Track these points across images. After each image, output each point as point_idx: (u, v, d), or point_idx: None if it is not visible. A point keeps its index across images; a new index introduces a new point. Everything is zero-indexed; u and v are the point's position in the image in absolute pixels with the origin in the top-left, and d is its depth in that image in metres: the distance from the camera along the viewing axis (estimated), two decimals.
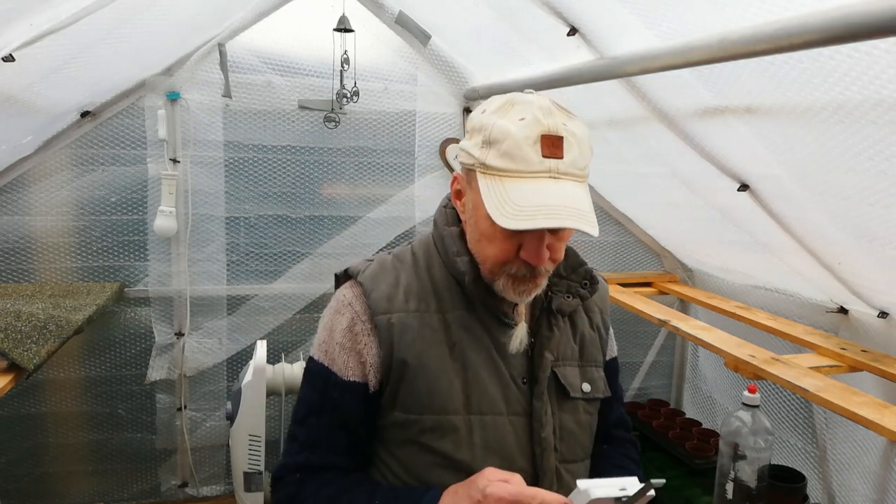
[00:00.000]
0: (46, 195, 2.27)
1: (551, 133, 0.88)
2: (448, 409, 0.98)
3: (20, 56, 1.35)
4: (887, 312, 1.74)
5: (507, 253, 0.94)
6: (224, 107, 2.37)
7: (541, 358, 1.03)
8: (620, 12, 1.39)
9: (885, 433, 1.30)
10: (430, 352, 0.99)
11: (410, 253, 1.08)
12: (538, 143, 0.87)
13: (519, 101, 0.93)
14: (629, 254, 2.85)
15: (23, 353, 1.60)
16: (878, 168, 1.19)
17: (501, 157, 0.88)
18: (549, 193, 0.87)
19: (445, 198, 1.09)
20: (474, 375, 0.99)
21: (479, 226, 0.95)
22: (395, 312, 1.00)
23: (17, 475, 2.40)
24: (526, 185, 0.87)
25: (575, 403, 1.07)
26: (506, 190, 0.87)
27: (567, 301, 1.07)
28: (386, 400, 1.01)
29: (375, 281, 1.03)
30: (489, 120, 0.91)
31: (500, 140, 0.88)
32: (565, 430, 1.04)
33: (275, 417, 2.37)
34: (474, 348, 1.00)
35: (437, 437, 0.98)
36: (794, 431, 2.14)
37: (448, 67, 2.56)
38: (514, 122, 0.89)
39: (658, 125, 1.71)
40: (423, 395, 0.98)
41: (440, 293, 1.03)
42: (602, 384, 1.11)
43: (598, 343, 1.14)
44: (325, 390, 1.02)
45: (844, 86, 1.07)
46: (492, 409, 1.00)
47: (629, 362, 2.94)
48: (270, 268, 2.54)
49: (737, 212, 1.87)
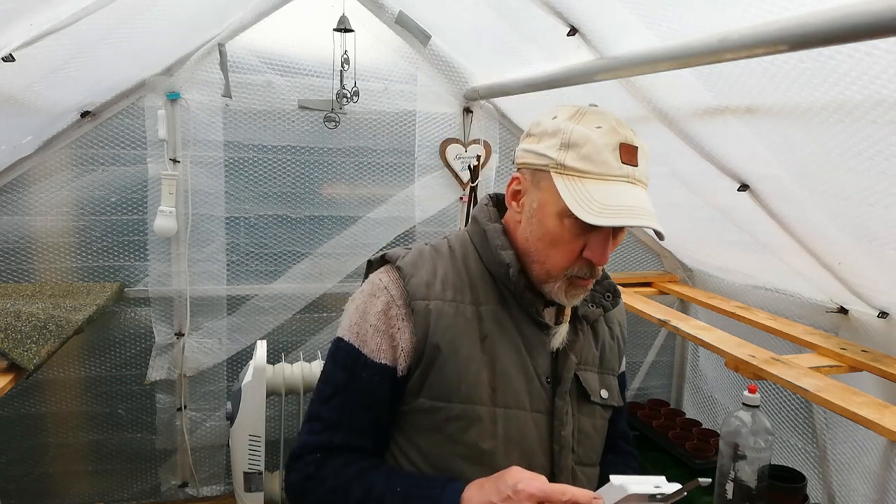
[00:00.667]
0: (46, 195, 2.27)
1: (629, 142, 0.93)
2: (474, 399, 0.99)
3: (20, 56, 1.35)
4: (887, 312, 1.74)
5: (573, 253, 0.97)
6: (224, 107, 2.37)
7: (566, 359, 1.05)
8: (620, 12, 1.38)
9: (885, 433, 1.30)
10: (462, 340, 1.00)
11: (447, 245, 1.10)
12: (617, 150, 0.92)
13: (590, 112, 0.97)
14: (629, 254, 2.85)
15: (23, 353, 1.60)
16: (878, 168, 1.20)
17: (582, 160, 0.92)
18: (629, 196, 0.92)
19: (486, 197, 1.13)
20: (502, 368, 1.01)
21: (546, 224, 0.97)
22: (433, 299, 1.01)
23: (17, 475, 2.40)
24: (606, 187, 0.92)
25: (593, 408, 1.09)
26: (587, 190, 0.92)
27: (591, 310, 1.11)
28: (412, 385, 1.02)
29: (415, 267, 1.04)
30: (565, 126, 0.95)
31: (580, 144, 0.92)
32: (583, 432, 1.07)
33: (275, 417, 2.37)
34: (504, 342, 1.02)
35: (462, 426, 1.00)
36: (794, 431, 2.14)
37: (448, 67, 2.56)
38: (592, 129, 0.93)
39: (658, 125, 1.70)
40: (451, 382, 0.99)
41: (475, 286, 1.05)
42: (617, 393, 1.15)
43: (616, 353, 1.17)
44: (354, 370, 1.03)
45: (845, 85, 1.07)
46: (516, 404, 1.02)
47: (629, 362, 2.93)
48: (270, 268, 2.54)
49: (737, 212, 1.87)
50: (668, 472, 2.31)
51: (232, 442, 2.17)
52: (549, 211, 0.96)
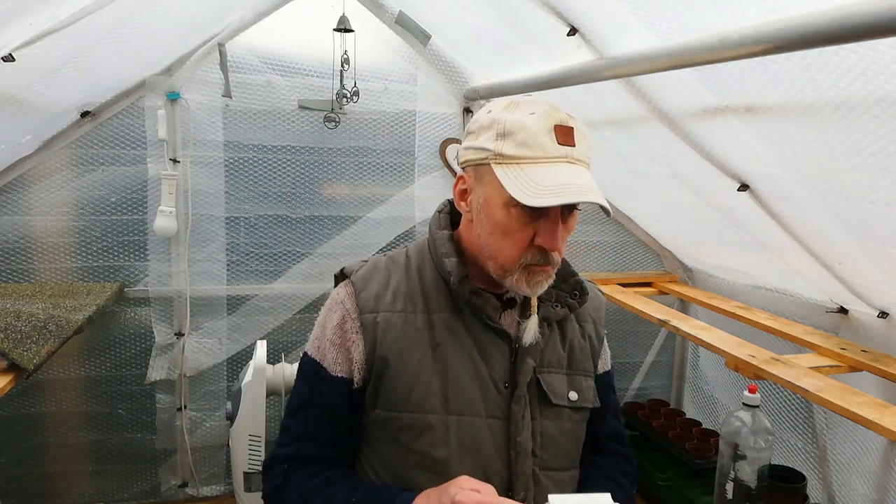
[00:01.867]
0: (46, 195, 2.26)
1: (563, 124, 0.93)
2: (425, 408, 1.00)
3: (20, 56, 1.35)
4: (887, 312, 1.74)
5: (523, 242, 0.95)
6: (224, 107, 2.37)
7: (522, 362, 1.03)
8: (620, 12, 1.38)
9: (885, 433, 1.30)
10: (411, 351, 1.01)
11: (404, 255, 1.11)
12: (552, 132, 0.92)
13: (524, 101, 0.96)
14: (629, 254, 2.85)
15: (23, 353, 1.60)
16: (880, 165, 1.19)
17: (518, 147, 0.92)
18: (569, 175, 0.91)
19: (442, 203, 1.12)
20: (454, 376, 1.01)
21: (494, 217, 0.96)
22: (381, 312, 1.03)
23: (17, 475, 2.40)
24: (545, 169, 0.91)
25: (558, 411, 1.06)
26: (526, 175, 0.91)
27: (555, 310, 1.08)
28: (368, 397, 1.04)
29: (366, 281, 1.06)
30: (500, 116, 0.95)
31: (515, 131, 0.92)
32: (547, 436, 1.05)
33: (275, 417, 2.37)
34: (457, 350, 1.02)
35: (414, 435, 1.00)
36: (794, 431, 2.14)
37: (448, 67, 2.56)
38: (526, 115, 0.93)
39: (658, 125, 1.70)
40: (402, 392, 1.00)
41: (428, 295, 1.05)
42: (591, 394, 1.11)
43: (588, 353, 1.13)
44: (316, 384, 1.06)
45: (847, 81, 1.06)
46: (470, 411, 1.01)
47: (629, 362, 2.94)
48: (270, 268, 2.54)
49: (737, 212, 1.87)
50: (668, 472, 2.32)
51: (232, 442, 2.17)
52: (494, 203, 0.95)
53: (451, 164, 2.63)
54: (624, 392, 2.94)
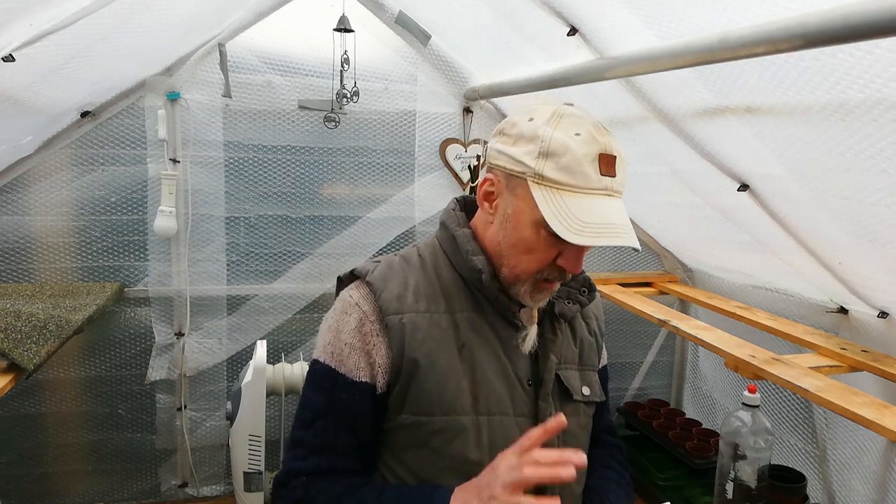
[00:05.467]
0: (46, 195, 2.27)
1: (608, 152, 0.91)
2: (457, 409, 0.98)
3: (20, 56, 1.35)
4: (887, 312, 1.74)
5: (545, 261, 0.97)
6: (224, 107, 2.37)
7: (546, 360, 1.04)
8: (620, 12, 1.38)
9: (885, 433, 1.30)
10: (439, 352, 0.99)
11: (417, 254, 1.08)
12: (596, 161, 0.90)
13: (567, 114, 0.94)
14: (629, 254, 2.84)
15: (23, 353, 1.60)
16: (879, 167, 1.19)
17: (560, 171, 0.90)
18: (608, 212, 0.90)
19: (453, 201, 1.11)
20: (482, 376, 1.00)
21: (521, 233, 0.96)
22: (406, 313, 1.00)
23: (17, 475, 2.40)
24: (585, 202, 0.90)
25: (577, 406, 1.08)
26: (566, 204, 0.89)
27: (568, 307, 1.09)
28: (393, 402, 1.00)
29: (385, 281, 1.02)
30: (543, 131, 0.91)
31: (559, 154, 0.90)
32: (568, 432, 1.05)
33: (275, 417, 2.37)
34: (483, 349, 1.01)
35: (447, 438, 0.98)
36: (794, 431, 2.14)
37: (448, 67, 2.56)
38: (571, 136, 0.90)
39: (658, 125, 1.70)
40: (433, 395, 0.98)
41: (449, 294, 1.03)
42: (598, 388, 1.14)
43: (594, 348, 1.16)
44: (333, 392, 1.01)
45: (846, 84, 1.07)
46: (499, 410, 1.00)
47: (629, 362, 2.94)
48: (270, 268, 2.54)
49: (737, 212, 1.87)
50: (667, 472, 2.32)
51: (232, 442, 2.17)
52: (524, 219, 0.94)
53: (451, 164, 2.63)
54: (624, 392, 2.94)
